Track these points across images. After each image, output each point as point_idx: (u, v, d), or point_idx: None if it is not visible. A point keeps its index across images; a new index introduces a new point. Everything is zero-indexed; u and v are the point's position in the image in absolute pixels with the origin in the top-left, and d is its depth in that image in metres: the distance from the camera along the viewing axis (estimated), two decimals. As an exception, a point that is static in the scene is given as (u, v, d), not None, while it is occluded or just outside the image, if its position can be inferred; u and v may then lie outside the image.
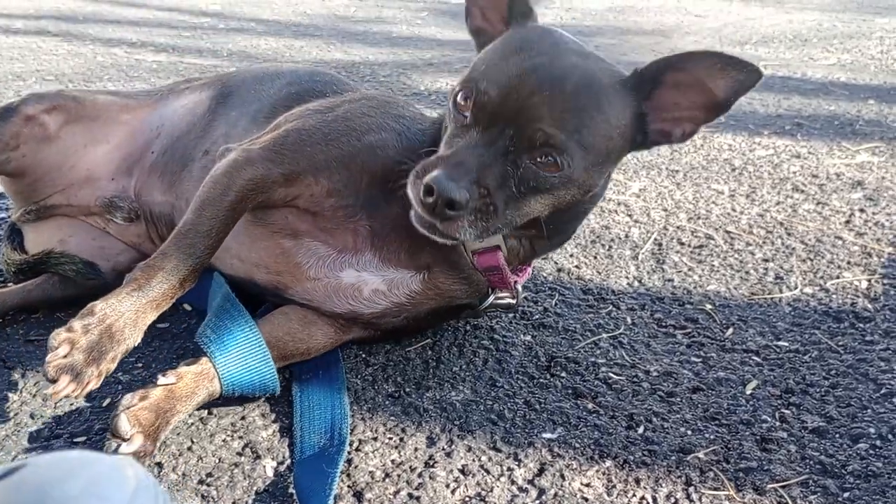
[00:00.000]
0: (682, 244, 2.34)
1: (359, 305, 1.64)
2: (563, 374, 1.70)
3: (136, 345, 1.41)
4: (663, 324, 1.92)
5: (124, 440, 1.33)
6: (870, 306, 2.00)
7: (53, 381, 1.30)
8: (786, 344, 1.84)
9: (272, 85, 1.90)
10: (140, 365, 1.70)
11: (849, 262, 2.23)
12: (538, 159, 1.36)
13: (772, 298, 2.05)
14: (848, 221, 2.50)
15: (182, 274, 1.45)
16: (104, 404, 1.56)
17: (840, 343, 1.84)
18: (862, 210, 2.59)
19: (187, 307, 1.90)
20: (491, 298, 1.75)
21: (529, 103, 1.35)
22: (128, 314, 1.38)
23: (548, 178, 1.37)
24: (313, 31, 5.67)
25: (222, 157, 1.60)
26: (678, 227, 2.45)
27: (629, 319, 1.94)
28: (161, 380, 1.45)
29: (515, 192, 1.37)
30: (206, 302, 1.71)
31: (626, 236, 2.39)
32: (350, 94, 1.77)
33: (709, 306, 2.00)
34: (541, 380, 1.68)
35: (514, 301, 1.75)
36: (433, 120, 1.66)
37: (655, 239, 2.36)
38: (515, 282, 1.67)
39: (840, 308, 2.00)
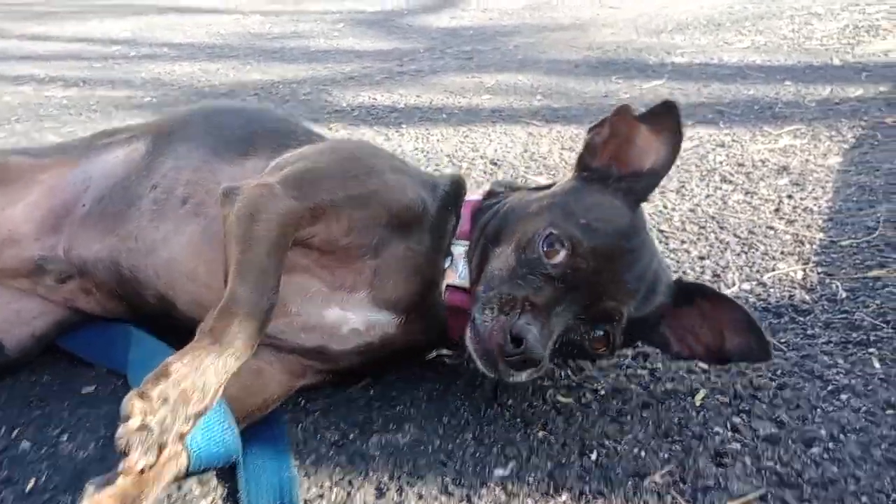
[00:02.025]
0: (619, 249, 2.31)
1: (331, 342, 1.58)
2: (510, 402, 1.65)
3: (215, 403, 1.31)
4: (607, 336, 1.89)
5: None
6: (807, 297, 2.01)
7: (126, 454, 1.20)
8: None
9: (229, 120, 1.84)
10: (65, 438, 1.59)
11: (782, 252, 2.24)
12: (595, 331, 1.43)
13: (711, 298, 2.03)
14: (777, 209, 2.52)
15: (261, 317, 1.34)
16: (27, 488, 1.46)
17: (783, 340, 1.84)
18: (790, 196, 2.60)
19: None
20: (441, 350, 1.72)
21: (616, 285, 1.43)
22: (209, 371, 1.27)
23: (590, 353, 1.48)
24: (228, 51, 5.54)
25: (231, 195, 1.48)
26: (613, 231, 2.42)
27: (572, 335, 1.90)
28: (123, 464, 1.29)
29: (559, 348, 1.43)
30: (124, 361, 1.63)
31: (562, 245, 2.36)
32: (336, 139, 1.74)
33: (650, 313, 1.97)
34: (488, 411, 1.63)
35: (456, 359, 1.72)
36: (437, 175, 1.71)
37: (591, 246, 2.33)
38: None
39: (779, 302, 1.99)
